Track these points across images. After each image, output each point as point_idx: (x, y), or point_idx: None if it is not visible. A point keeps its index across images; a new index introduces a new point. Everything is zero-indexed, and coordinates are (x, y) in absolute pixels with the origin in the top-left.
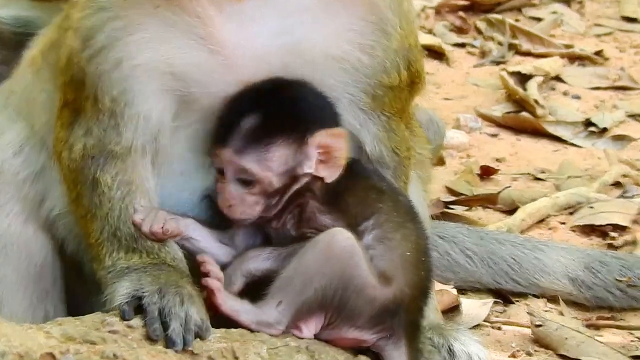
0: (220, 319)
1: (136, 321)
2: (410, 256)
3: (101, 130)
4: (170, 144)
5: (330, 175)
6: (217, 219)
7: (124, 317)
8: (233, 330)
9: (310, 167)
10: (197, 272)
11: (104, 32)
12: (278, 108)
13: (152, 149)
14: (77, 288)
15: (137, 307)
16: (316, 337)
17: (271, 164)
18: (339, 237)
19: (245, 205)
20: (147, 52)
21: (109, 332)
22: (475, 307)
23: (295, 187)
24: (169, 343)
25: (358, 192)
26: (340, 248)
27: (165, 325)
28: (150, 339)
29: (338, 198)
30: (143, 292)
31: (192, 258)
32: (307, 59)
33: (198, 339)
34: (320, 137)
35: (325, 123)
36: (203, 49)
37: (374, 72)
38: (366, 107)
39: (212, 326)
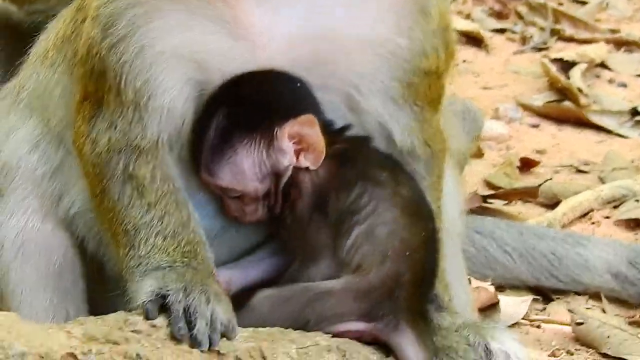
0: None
1: (160, 320)
2: (396, 250)
3: (126, 124)
4: None
5: (314, 162)
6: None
7: (147, 316)
8: (261, 329)
9: (289, 160)
10: None
11: (125, 20)
12: (235, 112)
13: (178, 144)
14: (99, 287)
15: (162, 305)
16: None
17: (246, 175)
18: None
19: (248, 214)
20: (170, 39)
21: (132, 331)
22: (513, 304)
23: (284, 180)
24: (194, 343)
25: (343, 190)
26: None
27: (190, 325)
28: (174, 338)
29: (325, 194)
30: (167, 290)
31: None
32: (340, 45)
33: (224, 339)
34: (289, 128)
35: (291, 111)
36: (228, 35)
37: (412, 56)
38: (398, 96)
39: (239, 325)
